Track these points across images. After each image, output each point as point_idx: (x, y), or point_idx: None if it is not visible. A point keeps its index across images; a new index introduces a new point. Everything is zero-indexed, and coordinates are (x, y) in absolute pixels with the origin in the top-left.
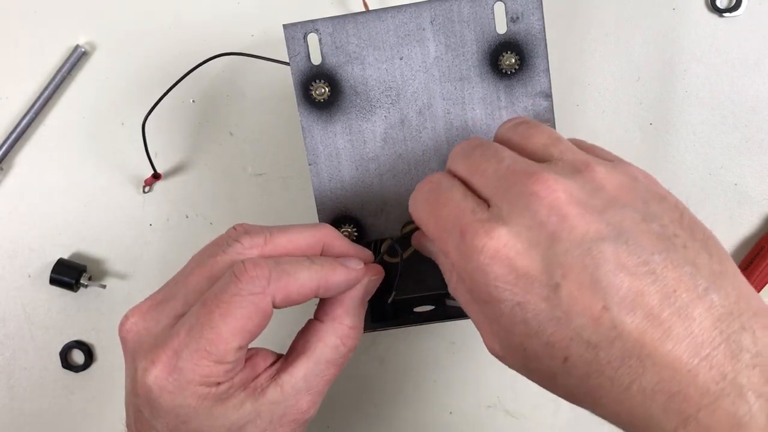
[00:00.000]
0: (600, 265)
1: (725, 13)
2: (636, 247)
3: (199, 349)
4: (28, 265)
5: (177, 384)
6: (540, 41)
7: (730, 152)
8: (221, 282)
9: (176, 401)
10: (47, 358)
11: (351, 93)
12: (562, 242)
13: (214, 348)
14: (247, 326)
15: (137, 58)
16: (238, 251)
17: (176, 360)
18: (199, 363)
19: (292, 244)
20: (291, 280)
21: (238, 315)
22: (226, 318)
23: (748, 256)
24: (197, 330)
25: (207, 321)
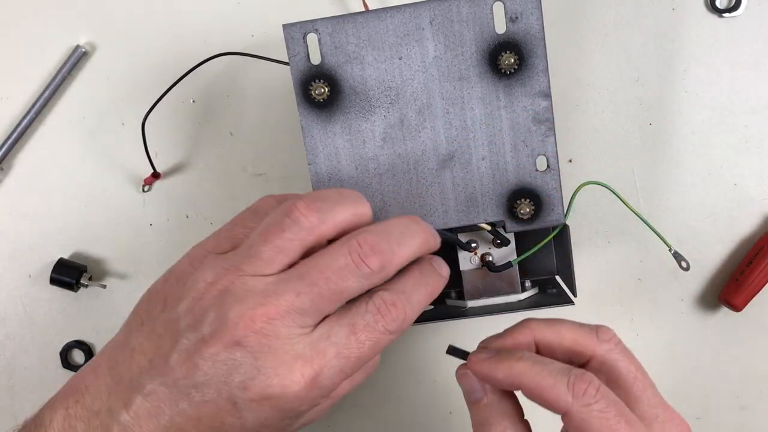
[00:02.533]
0: None
1: (725, 13)
2: None
3: (342, 371)
4: (28, 265)
5: (311, 396)
6: (539, 41)
7: (730, 152)
8: (367, 315)
9: (297, 408)
10: (47, 358)
11: (350, 93)
12: None
13: (353, 370)
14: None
15: (137, 58)
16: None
17: (320, 377)
18: (336, 380)
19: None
20: (418, 309)
21: (379, 349)
22: (372, 351)
23: (747, 256)
24: (346, 356)
25: (358, 350)
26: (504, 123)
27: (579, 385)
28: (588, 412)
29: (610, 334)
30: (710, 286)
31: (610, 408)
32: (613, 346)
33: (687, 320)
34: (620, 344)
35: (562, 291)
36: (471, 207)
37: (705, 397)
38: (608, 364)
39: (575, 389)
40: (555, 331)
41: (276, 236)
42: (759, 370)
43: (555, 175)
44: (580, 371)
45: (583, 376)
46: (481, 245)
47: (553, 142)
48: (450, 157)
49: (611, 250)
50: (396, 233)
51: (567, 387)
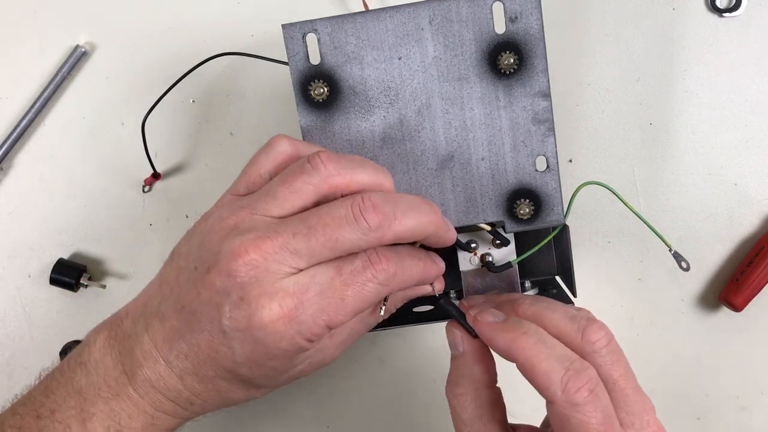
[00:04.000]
0: None
1: (725, 13)
2: None
3: (322, 311)
4: (28, 265)
5: (288, 332)
6: (539, 41)
7: (730, 152)
8: (356, 262)
9: (277, 344)
10: (47, 358)
11: (350, 93)
12: None
13: (333, 317)
14: (363, 308)
15: (137, 58)
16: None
17: (299, 312)
18: (315, 323)
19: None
20: (407, 276)
21: (364, 299)
22: (357, 297)
23: (748, 256)
24: (328, 297)
25: (339, 293)
26: (503, 123)
27: (573, 382)
28: (571, 411)
29: (597, 335)
30: (710, 286)
31: (595, 414)
32: (598, 349)
33: (687, 320)
34: (607, 346)
35: (562, 291)
36: (470, 207)
37: (705, 397)
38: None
39: (568, 385)
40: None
41: (294, 179)
42: (759, 370)
43: (555, 176)
44: (581, 366)
45: (579, 375)
46: (481, 245)
47: (552, 143)
48: (449, 158)
49: (611, 250)
50: (403, 203)
51: (560, 380)
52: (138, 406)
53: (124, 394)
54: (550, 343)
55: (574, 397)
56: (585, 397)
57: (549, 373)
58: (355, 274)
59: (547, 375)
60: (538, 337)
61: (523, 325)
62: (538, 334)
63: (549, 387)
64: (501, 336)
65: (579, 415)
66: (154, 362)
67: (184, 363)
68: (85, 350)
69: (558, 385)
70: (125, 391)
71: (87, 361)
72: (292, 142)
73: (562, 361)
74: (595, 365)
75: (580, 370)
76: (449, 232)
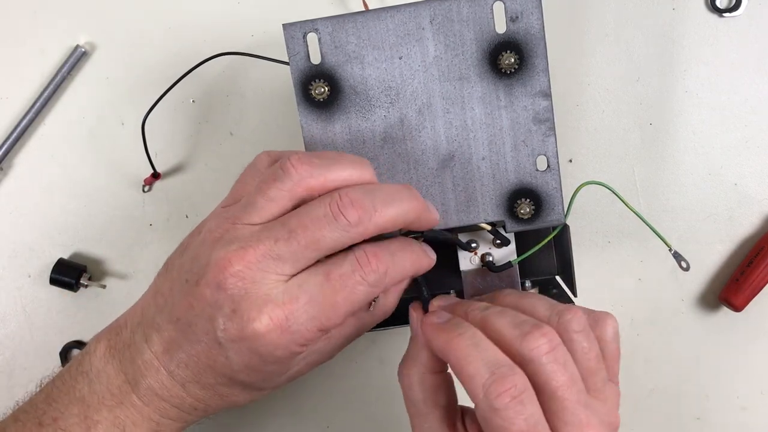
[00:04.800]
0: None
1: (725, 13)
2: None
3: (314, 318)
4: (28, 265)
5: (282, 341)
6: (539, 41)
7: (730, 152)
8: (344, 265)
9: (272, 352)
10: (47, 358)
11: (350, 92)
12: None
13: (325, 321)
14: (355, 309)
15: (137, 58)
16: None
17: (291, 322)
18: (308, 329)
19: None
20: (400, 273)
21: (355, 300)
22: (347, 301)
23: (748, 256)
24: (319, 304)
25: (331, 297)
26: (504, 123)
27: (495, 387)
28: (492, 416)
29: (537, 342)
30: (710, 286)
31: (516, 421)
32: (537, 356)
33: (687, 320)
34: (550, 353)
35: (562, 291)
36: (471, 207)
37: (705, 397)
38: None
39: (489, 389)
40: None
41: (268, 186)
42: (759, 370)
43: (555, 175)
44: (507, 372)
45: (503, 380)
46: (482, 245)
47: (553, 142)
48: (450, 157)
49: (611, 250)
50: (382, 194)
51: (483, 384)
52: (142, 413)
53: (128, 402)
54: (483, 347)
55: (495, 402)
56: (506, 402)
57: (474, 376)
58: (345, 279)
59: (472, 378)
60: (472, 341)
61: (461, 327)
62: (474, 337)
63: (473, 390)
64: (437, 336)
65: (499, 420)
66: (156, 371)
67: (185, 372)
68: (86, 359)
69: (480, 389)
70: (129, 399)
71: (89, 370)
72: (273, 154)
73: (490, 366)
74: (532, 373)
75: (505, 376)
76: (432, 214)
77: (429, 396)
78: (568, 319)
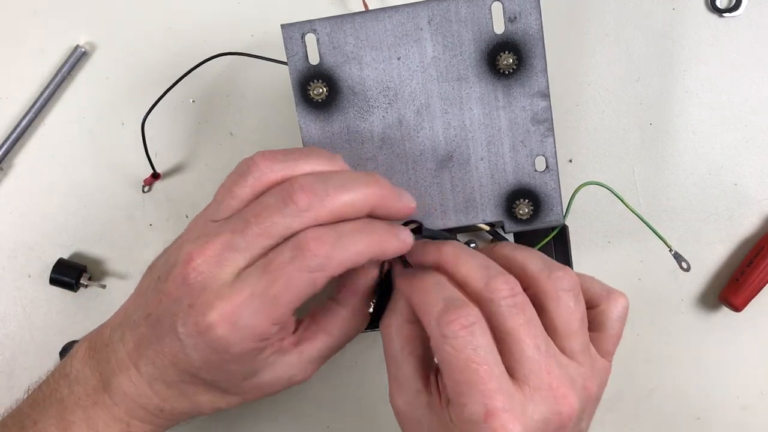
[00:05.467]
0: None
1: (725, 13)
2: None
3: (258, 311)
4: (28, 265)
5: (233, 335)
6: (538, 41)
7: (730, 152)
8: (285, 254)
9: (226, 348)
10: (47, 358)
11: (349, 93)
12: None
13: (271, 313)
14: (303, 296)
15: (137, 58)
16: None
17: (237, 317)
18: (258, 322)
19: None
20: (350, 254)
21: (297, 288)
22: (287, 289)
23: (748, 256)
24: (259, 295)
25: (269, 288)
26: (503, 123)
27: (446, 315)
28: (441, 344)
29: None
30: (710, 286)
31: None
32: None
33: (687, 320)
34: (510, 298)
35: None
36: (470, 207)
37: (705, 397)
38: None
39: (441, 318)
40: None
41: (232, 183)
42: (759, 370)
43: (554, 176)
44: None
45: (455, 310)
46: (481, 245)
47: (551, 143)
48: (448, 158)
49: (611, 250)
50: (337, 179)
51: (434, 314)
52: (113, 413)
53: (101, 402)
54: (442, 286)
55: (444, 330)
56: (455, 330)
57: (429, 306)
58: (283, 267)
59: (427, 310)
60: (432, 281)
61: (426, 272)
62: (435, 279)
63: (426, 321)
64: (403, 281)
65: (448, 347)
66: (127, 369)
67: (152, 369)
68: (68, 362)
69: (433, 318)
70: (102, 399)
71: (69, 372)
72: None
73: (446, 301)
74: (489, 313)
75: (457, 307)
76: (401, 201)
77: (405, 345)
78: (558, 276)
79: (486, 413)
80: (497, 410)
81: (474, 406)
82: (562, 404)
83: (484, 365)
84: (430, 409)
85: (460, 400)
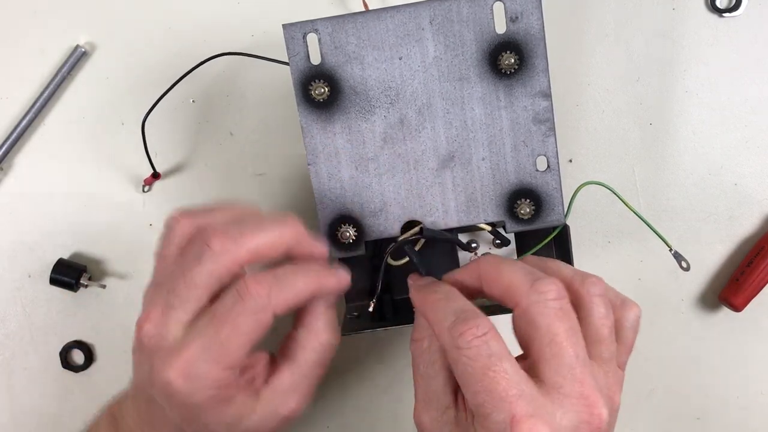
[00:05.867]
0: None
1: (725, 13)
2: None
3: (209, 360)
4: (28, 265)
5: (191, 387)
6: (539, 41)
7: (730, 152)
8: (227, 300)
9: (190, 400)
10: (47, 358)
11: (350, 93)
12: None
13: (223, 359)
14: (251, 338)
15: (137, 58)
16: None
17: (191, 368)
18: (211, 371)
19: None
20: (289, 292)
21: (244, 330)
22: (234, 333)
23: (748, 256)
24: (207, 343)
25: (216, 336)
26: (504, 123)
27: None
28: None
29: (548, 287)
30: (710, 286)
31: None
32: (543, 300)
33: (687, 320)
34: (557, 301)
35: None
36: (471, 207)
37: (705, 397)
38: (528, 317)
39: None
40: (498, 271)
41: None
42: (759, 370)
43: (555, 175)
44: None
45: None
46: (482, 245)
47: (553, 142)
48: (450, 157)
49: (611, 250)
50: (250, 221)
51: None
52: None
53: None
54: (452, 298)
55: (458, 341)
56: (468, 340)
57: (441, 320)
58: (226, 313)
59: (440, 323)
60: (443, 294)
61: (437, 285)
62: (445, 292)
63: (440, 334)
64: (416, 296)
65: (464, 359)
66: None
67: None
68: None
69: (446, 331)
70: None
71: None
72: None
73: (456, 312)
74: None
75: (468, 318)
76: (314, 244)
77: (438, 359)
78: (591, 281)
79: (512, 420)
80: (523, 416)
81: (498, 415)
82: (592, 413)
83: (501, 372)
84: (458, 425)
85: (482, 411)
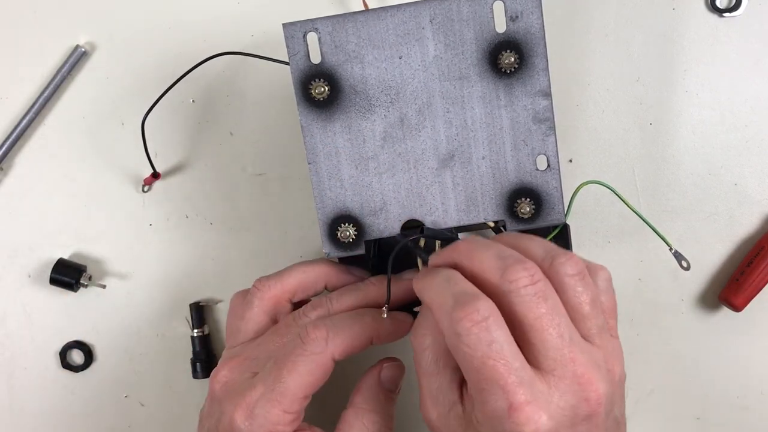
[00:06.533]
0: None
1: (725, 13)
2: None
3: (270, 400)
4: (28, 265)
5: (251, 426)
6: (539, 40)
7: (730, 152)
8: (288, 344)
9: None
10: (47, 358)
11: (350, 92)
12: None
13: (283, 399)
14: (310, 380)
15: (137, 58)
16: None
17: (253, 408)
18: (271, 411)
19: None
20: (346, 336)
21: (302, 371)
22: (292, 374)
23: (748, 256)
24: (269, 384)
25: (277, 377)
26: (504, 122)
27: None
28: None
29: (518, 275)
30: (710, 286)
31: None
32: (515, 288)
33: (687, 320)
34: (530, 287)
35: None
36: (471, 206)
37: (705, 397)
38: (504, 307)
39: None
40: (470, 258)
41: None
42: (759, 370)
43: (555, 175)
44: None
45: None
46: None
47: (553, 142)
48: (450, 157)
49: (611, 250)
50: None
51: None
52: None
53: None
54: (453, 281)
55: (457, 328)
56: (468, 327)
57: (440, 305)
58: (287, 355)
59: (439, 308)
60: (443, 278)
61: (436, 270)
62: (444, 275)
63: (440, 319)
64: (417, 283)
65: (464, 347)
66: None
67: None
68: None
69: (446, 317)
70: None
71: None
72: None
73: (456, 296)
74: (509, 305)
75: (467, 302)
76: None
77: (441, 357)
78: (561, 262)
79: (509, 407)
80: (520, 404)
81: (496, 403)
82: (588, 390)
83: (501, 360)
84: (466, 420)
85: (481, 398)
